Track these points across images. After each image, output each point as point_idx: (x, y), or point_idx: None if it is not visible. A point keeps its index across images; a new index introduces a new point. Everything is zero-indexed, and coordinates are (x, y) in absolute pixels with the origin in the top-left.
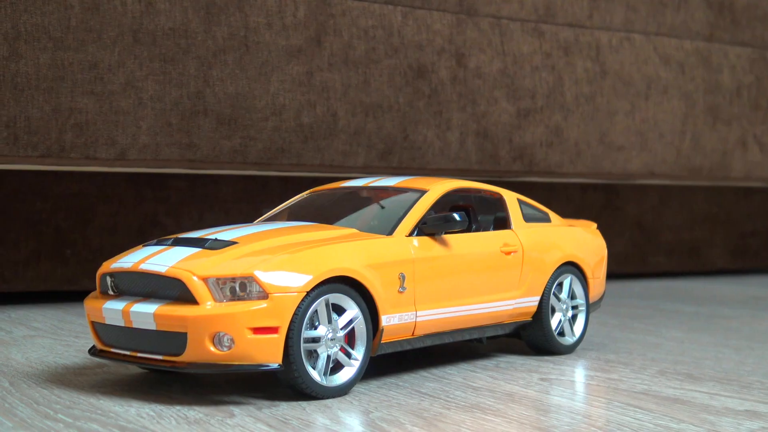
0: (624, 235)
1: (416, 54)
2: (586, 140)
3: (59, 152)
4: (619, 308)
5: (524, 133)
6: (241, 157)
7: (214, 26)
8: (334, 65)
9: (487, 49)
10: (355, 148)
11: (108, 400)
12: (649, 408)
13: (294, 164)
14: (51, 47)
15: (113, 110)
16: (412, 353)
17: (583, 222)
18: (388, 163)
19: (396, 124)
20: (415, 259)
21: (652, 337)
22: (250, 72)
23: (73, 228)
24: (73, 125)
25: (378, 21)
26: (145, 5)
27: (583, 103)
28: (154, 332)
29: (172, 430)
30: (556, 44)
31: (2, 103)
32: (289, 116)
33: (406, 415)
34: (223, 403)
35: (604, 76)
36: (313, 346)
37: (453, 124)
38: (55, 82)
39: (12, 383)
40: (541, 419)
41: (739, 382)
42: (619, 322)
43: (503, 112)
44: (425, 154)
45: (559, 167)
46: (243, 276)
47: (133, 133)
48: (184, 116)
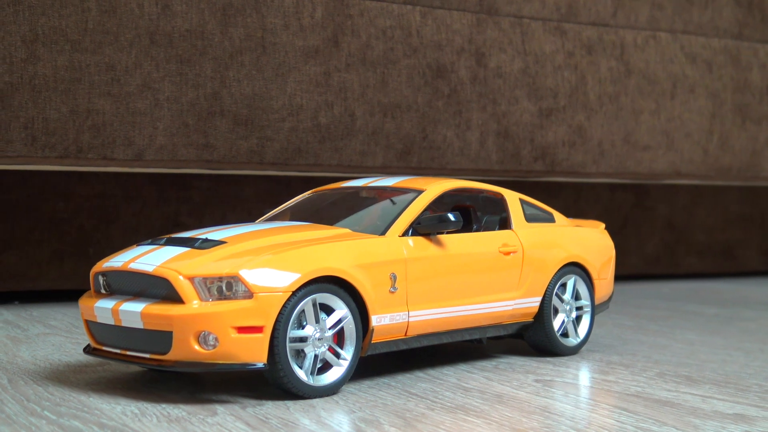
0: (654, 235)
1: (435, 54)
2: (610, 140)
3: (77, 153)
4: (639, 309)
5: (546, 132)
6: (258, 157)
7: (231, 28)
8: (352, 65)
9: (508, 49)
10: (373, 148)
11: (98, 397)
12: (636, 410)
13: (311, 164)
14: (68, 49)
15: (130, 111)
16: (413, 353)
17: (591, 222)
18: (407, 163)
19: (415, 124)
20: (408, 259)
21: (664, 339)
22: (267, 73)
23: (96, 227)
24: (90, 126)
25: (396, 21)
26: (161, 7)
27: (606, 102)
28: (141, 331)
29: (151, 427)
30: (579, 43)
31: (20, 105)
32: (307, 117)
33: (388, 415)
34: (210, 401)
35: (629, 75)
36: (301, 345)
37: (473, 124)
38: (72, 84)
39: (10, 380)
40: (522, 421)
41: (737, 385)
42: (635, 324)
43: (524, 112)
44: (445, 154)
45: (582, 167)
46: (228, 276)
47: (150, 133)
48: (200, 117)
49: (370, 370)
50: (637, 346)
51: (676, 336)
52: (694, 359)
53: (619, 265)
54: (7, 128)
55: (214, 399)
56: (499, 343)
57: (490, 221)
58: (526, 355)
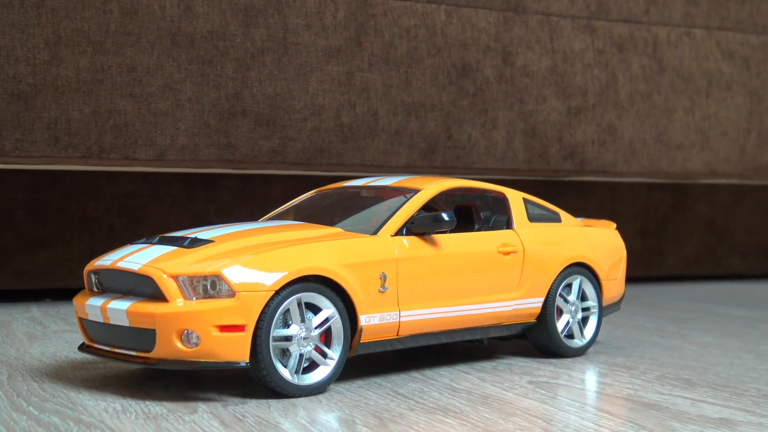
0: (694, 235)
1: (460, 53)
2: (641, 138)
3: (99, 153)
4: (666, 311)
5: (575, 131)
6: (280, 157)
7: (253, 28)
8: (375, 65)
9: (536, 47)
10: (396, 147)
11: (88, 394)
12: (619, 414)
13: (334, 164)
14: (90, 51)
15: (151, 112)
16: (416, 353)
17: (602, 222)
18: (431, 162)
19: (439, 123)
20: (399, 259)
21: (678, 342)
22: (288, 73)
23: (125, 227)
24: (112, 127)
25: (420, 20)
26: (183, 9)
27: (638, 100)
28: (127, 328)
29: (126, 424)
30: (609, 41)
31: (44, 106)
32: (329, 116)
33: (365, 415)
34: (195, 399)
35: (662, 72)
36: (286, 344)
37: (499, 123)
38: (94, 85)
39: (10, 375)
40: (499, 422)
41: (735, 389)
42: (655, 326)
43: (552, 111)
44: (470, 153)
45: (612, 166)
46: (211, 275)
47: (172, 134)
48: (222, 117)
49: (367, 369)
50: (647, 348)
51: (693, 338)
52: (701, 362)
53: (657, 267)
54: (30, 129)
55: (200, 397)
56: (507, 343)
57: (493, 221)
58: (531, 357)
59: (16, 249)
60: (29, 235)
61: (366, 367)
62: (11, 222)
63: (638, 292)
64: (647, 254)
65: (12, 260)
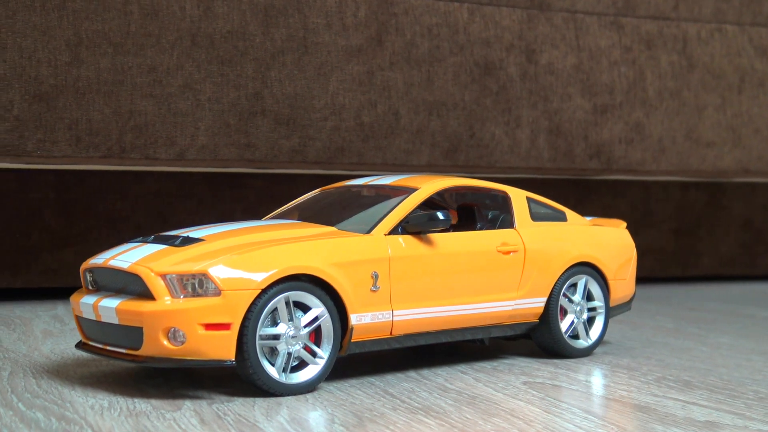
0: (730, 235)
1: (483, 51)
2: (671, 136)
3: (120, 153)
4: (690, 312)
5: (601, 129)
6: (301, 156)
7: (273, 28)
8: (396, 64)
9: (561, 45)
10: (418, 146)
11: (80, 391)
12: (603, 415)
13: (355, 163)
14: (111, 52)
15: (172, 112)
16: (419, 352)
17: (613, 221)
18: (454, 161)
19: (461, 122)
20: (392, 258)
21: (692, 343)
22: (308, 72)
23: (151, 226)
24: (132, 127)
25: (443, 18)
26: (203, 9)
27: (667, 98)
28: (117, 326)
29: (107, 421)
30: (637, 38)
31: (65, 107)
32: (349, 116)
33: (347, 414)
34: (185, 397)
35: (692, 69)
36: (274, 343)
37: (523, 122)
38: (115, 86)
39: (12, 372)
40: (478, 423)
41: (733, 391)
42: (674, 326)
43: (578, 109)
44: (493, 152)
45: (640, 165)
46: (197, 273)
47: (192, 133)
48: (242, 117)
49: (365, 368)
50: (657, 349)
51: (708, 339)
52: (707, 364)
53: (692, 267)
54: (52, 129)
55: (189, 394)
56: (516, 344)
57: (495, 220)
58: (535, 357)
59: (44, 247)
60: (57, 233)
61: (364, 366)
62: (39, 221)
63: (669, 292)
64: (682, 254)
65: (40, 258)
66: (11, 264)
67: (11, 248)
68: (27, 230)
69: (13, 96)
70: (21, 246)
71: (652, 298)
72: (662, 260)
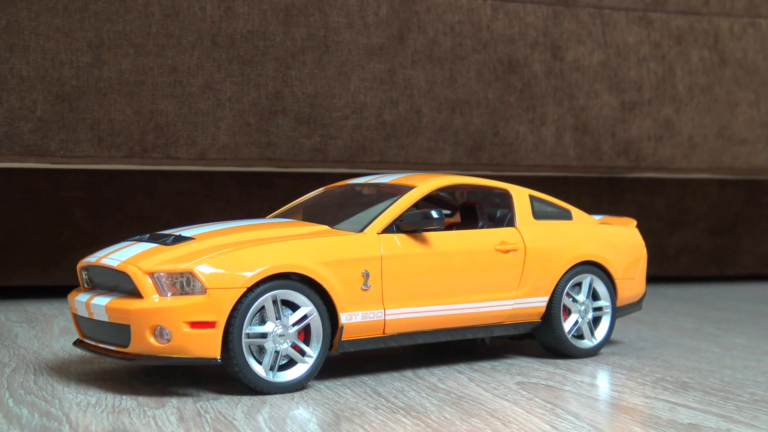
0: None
1: (507, 48)
2: (701, 133)
3: (141, 152)
4: (716, 312)
5: (629, 127)
6: (322, 155)
7: (293, 27)
8: (418, 62)
9: (587, 41)
10: (441, 145)
11: (74, 388)
12: (585, 416)
13: (377, 162)
14: (132, 53)
15: (192, 112)
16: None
17: (623, 219)
18: (478, 159)
19: (485, 120)
20: (384, 257)
21: (705, 343)
22: (329, 71)
23: (180, 224)
24: (154, 127)
25: (466, 16)
26: (224, 10)
27: (698, 94)
28: (108, 324)
29: (89, 417)
30: (666, 33)
31: (87, 107)
32: (371, 114)
33: (326, 414)
34: (173, 394)
35: (724, 65)
36: (261, 341)
37: (548, 119)
38: (136, 86)
39: (15, 368)
40: (455, 423)
41: (728, 393)
42: (694, 327)
43: (605, 106)
44: (518, 150)
45: (670, 162)
46: (184, 272)
47: (213, 133)
48: (262, 116)
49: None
50: (668, 350)
51: (723, 340)
52: (713, 365)
53: (731, 265)
54: (74, 130)
55: (179, 392)
56: (525, 344)
57: (497, 218)
58: (540, 357)
59: (74, 246)
60: (87, 232)
61: (363, 365)
62: (70, 220)
63: (703, 292)
64: (720, 253)
65: (71, 257)
66: (42, 262)
67: (42, 247)
68: (58, 229)
69: (36, 97)
70: (51, 244)
71: (683, 298)
72: (699, 259)
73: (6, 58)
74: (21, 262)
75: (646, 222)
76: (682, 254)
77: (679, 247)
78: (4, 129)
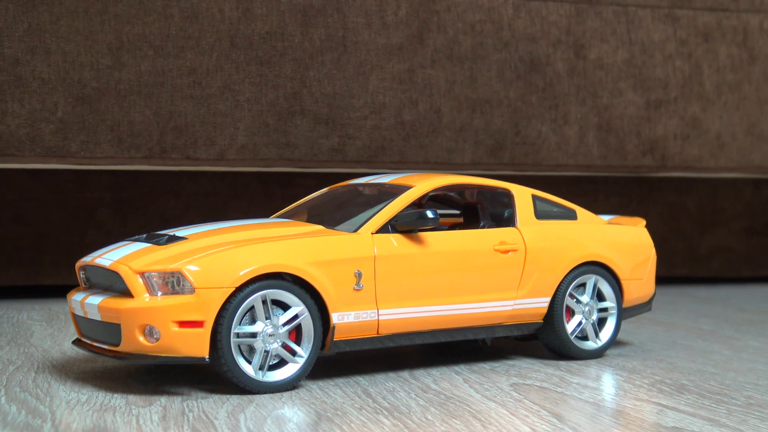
0: None
1: (529, 47)
2: (730, 132)
3: (161, 153)
4: (740, 314)
5: (655, 125)
6: (340, 155)
7: (312, 28)
8: (438, 62)
9: (611, 39)
10: (461, 144)
11: (70, 386)
12: (568, 418)
13: (396, 162)
14: (152, 55)
15: (211, 113)
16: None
17: (631, 219)
18: (499, 159)
19: (506, 120)
20: (378, 257)
21: (717, 346)
22: (347, 72)
23: None
24: (173, 128)
25: (486, 15)
26: (242, 11)
27: (726, 92)
28: (100, 323)
29: (74, 415)
30: (693, 30)
31: (107, 109)
32: (390, 114)
33: (309, 414)
34: (166, 393)
35: (753, 62)
36: (251, 341)
37: (571, 118)
38: (155, 88)
39: (20, 366)
40: (435, 424)
41: (723, 396)
42: (713, 328)
43: (629, 104)
44: (540, 149)
45: (698, 161)
46: (172, 271)
47: (231, 134)
48: (281, 117)
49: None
50: (677, 352)
51: (737, 342)
52: (718, 368)
53: (764, 267)
54: (95, 131)
55: (172, 391)
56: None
57: (498, 218)
58: (545, 359)
59: (100, 246)
60: (113, 232)
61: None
62: (95, 220)
63: (731, 293)
64: (754, 253)
65: None
66: (68, 262)
67: (69, 246)
68: (83, 229)
69: (57, 99)
70: (78, 244)
71: (711, 299)
72: (732, 260)
73: (27, 61)
74: (50, 261)
75: (677, 222)
76: (715, 255)
77: (711, 248)
78: (26, 130)
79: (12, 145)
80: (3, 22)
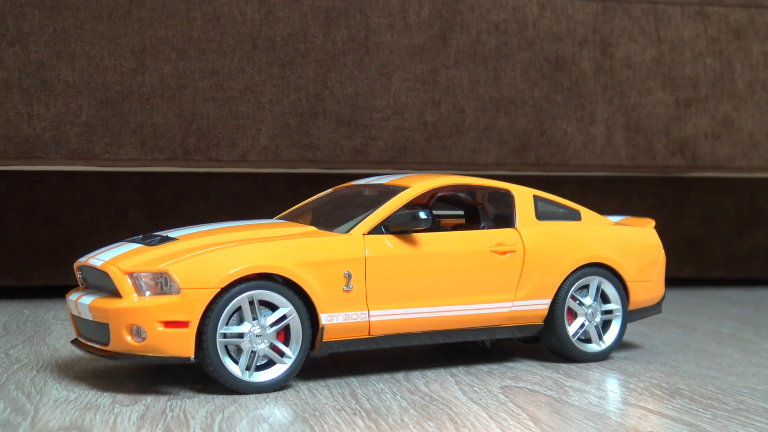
0: None
1: (554, 46)
2: (763, 131)
3: (183, 155)
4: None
5: (684, 125)
6: (363, 156)
7: (334, 30)
8: (461, 62)
9: (639, 37)
10: (485, 145)
11: (65, 385)
12: (546, 422)
13: (419, 162)
14: (174, 58)
15: (233, 114)
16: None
17: (640, 220)
18: (524, 159)
19: (531, 119)
20: (369, 258)
21: (730, 349)
22: (370, 73)
23: None
24: (195, 130)
25: (511, 14)
26: (264, 13)
27: (759, 90)
28: (92, 322)
29: (57, 413)
30: (725, 27)
31: (130, 112)
32: (412, 115)
33: (289, 414)
34: (155, 392)
35: None
36: (237, 341)
37: (597, 118)
38: (178, 91)
39: (26, 364)
40: (408, 426)
41: (714, 401)
42: (732, 332)
43: (658, 103)
44: (566, 149)
45: (729, 161)
46: (159, 272)
47: (253, 135)
48: (303, 118)
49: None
50: (685, 355)
51: (752, 347)
52: (722, 372)
53: None
54: (118, 133)
55: (161, 390)
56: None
57: (498, 219)
58: (547, 361)
59: None
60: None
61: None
62: (126, 221)
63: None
64: None
65: None
66: None
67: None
68: (114, 230)
69: (81, 102)
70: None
71: (744, 302)
72: None
73: (53, 65)
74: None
75: (714, 223)
76: (753, 257)
77: (749, 249)
78: (51, 133)
79: (38, 147)
80: (29, 27)
